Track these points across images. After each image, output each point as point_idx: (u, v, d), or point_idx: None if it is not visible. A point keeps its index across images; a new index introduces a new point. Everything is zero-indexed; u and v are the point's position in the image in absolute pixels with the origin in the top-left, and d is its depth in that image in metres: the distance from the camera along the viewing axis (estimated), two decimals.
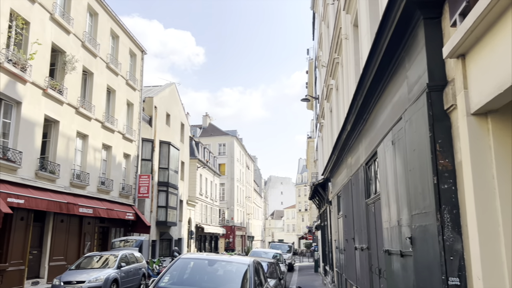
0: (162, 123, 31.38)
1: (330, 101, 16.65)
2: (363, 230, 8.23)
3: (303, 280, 23.86)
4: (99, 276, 13.57)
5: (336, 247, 14.34)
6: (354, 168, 9.21)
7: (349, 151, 9.88)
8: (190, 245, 39.21)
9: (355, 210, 9.25)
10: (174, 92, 35.13)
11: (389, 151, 5.70)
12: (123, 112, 24.32)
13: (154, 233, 29.59)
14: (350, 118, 8.04)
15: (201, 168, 42.89)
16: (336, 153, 11.29)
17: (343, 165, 11.38)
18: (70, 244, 18.82)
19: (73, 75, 18.93)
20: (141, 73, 27.10)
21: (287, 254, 34.03)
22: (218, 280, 7.05)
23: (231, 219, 60.25)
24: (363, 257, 8.32)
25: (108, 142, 22.38)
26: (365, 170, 7.99)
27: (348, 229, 10.58)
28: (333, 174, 14.49)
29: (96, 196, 20.71)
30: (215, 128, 66.50)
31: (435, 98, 4.05)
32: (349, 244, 10.56)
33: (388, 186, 5.84)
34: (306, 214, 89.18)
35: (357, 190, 8.87)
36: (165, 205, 30.54)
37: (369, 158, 7.44)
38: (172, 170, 31.83)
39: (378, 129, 6.48)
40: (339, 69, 13.43)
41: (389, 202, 5.80)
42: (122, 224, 24.22)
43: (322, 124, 21.93)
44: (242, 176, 68.46)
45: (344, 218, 11.34)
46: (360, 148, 8.35)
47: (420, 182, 4.28)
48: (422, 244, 4.26)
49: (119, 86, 23.84)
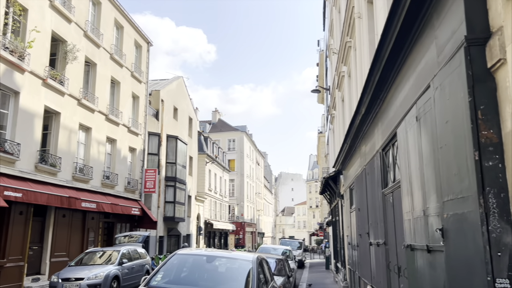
0: (169, 117, 30.75)
1: (342, 90, 15.79)
2: (379, 224, 7.42)
3: (314, 277, 23.08)
4: (99, 273, 12.94)
5: (348, 243, 13.52)
6: (369, 156, 8.39)
7: (363, 138, 9.06)
8: (199, 241, 38.64)
9: (370, 202, 8.44)
10: (181, 86, 34.48)
11: (412, 130, 4.88)
12: (128, 105, 23.70)
13: (162, 228, 29.02)
14: (364, 99, 7.22)
15: (210, 164, 42.25)
16: (349, 142, 10.46)
17: (356, 154, 10.55)
18: (73, 239, 18.26)
19: (75, 65, 18.33)
20: (147, 65, 26.46)
21: (297, 251, 33.26)
22: (217, 279, 6.31)
23: (241, 215, 59.62)
24: (379, 254, 7.51)
25: (113, 135, 21.78)
26: (382, 157, 7.18)
27: (362, 223, 9.76)
28: (345, 166, 13.66)
29: (100, 190, 20.14)
30: (224, 123, 65.85)
31: (475, 54, 3.24)
32: (363, 239, 9.75)
33: (410, 171, 5.03)
34: (317, 210, 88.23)
35: (373, 180, 8.06)
36: (172, 201, 29.95)
37: (387, 142, 6.62)
38: (179, 165, 31.22)
39: (398, 107, 5.66)
40: (351, 54, 12.59)
41: (411, 190, 5.00)
42: (128, 219, 23.66)
43: (333, 115, 21.07)
44: (252, 172, 67.76)
45: (358, 212, 10.52)
46: (376, 133, 7.53)
47: (455, 161, 3.47)
48: (457, 236, 3.46)
49: (124, 78, 23.22)
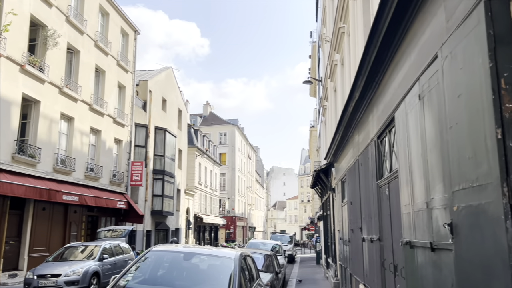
0: (158, 108, 29.98)
1: (334, 79, 15.20)
2: (373, 218, 6.85)
3: (304, 273, 22.60)
4: (77, 269, 12.28)
5: (339, 238, 12.98)
6: (363, 145, 7.81)
7: (356, 127, 8.47)
8: (188, 235, 38.03)
9: (363, 195, 7.87)
10: (171, 77, 33.69)
11: (413, 111, 4.29)
12: (114, 95, 22.93)
13: (149, 223, 28.35)
14: (359, 82, 6.61)
15: (200, 157, 41.55)
16: (341, 132, 9.87)
17: (348, 145, 9.98)
18: (54, 234, 17.55)
19: (56, 52, 17.52)
20: (134, 54, 25.66)
21: (288, 245, 32.78)
22: (195, 278, 5.70)
23: (232, 210, 59.08)
24: (373, 250, 6.95)
25: (97, 126, 21.01)
26: (377, 145, 6.59)
27: (354, 218, 9.20)
28: (336, 158, 13.09)
29: (83, 183, 19.41)
30: (215, 117, 65.07)
31: (498, 9, 2.63)
32: (355, 234, 9.20)
33: (411, 158, 4.44)
34: (309, 205, 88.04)
35: (366, 171, 7.48)
36: (161, 194, 29.25)
37: (383, 129, 6.03)
38: (168, 158, 30.50)
39: (396, 89, 5.07)
40: (344, 40, 11.99)
41: (412, 180, 4.41)
42: (113, 213, 22.97)
43: (325, 107, 20.49)
44: (244, 166, 67.16)
45: (350, 205, 9.96)
46: (371, 120, 6.94)
47: (469, 142, 2.87)
48: (472, 233, 2.87)
49: (109, 66, 22.43)
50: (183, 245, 6.69)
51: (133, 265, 5.89)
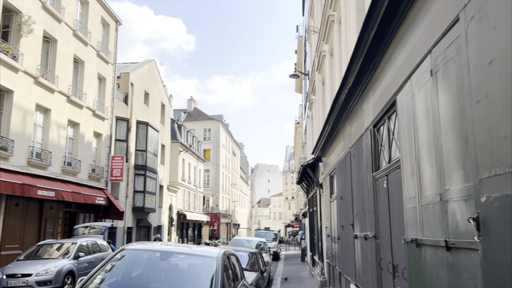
0: (140, 102, 29.13)
1: (322, 71, 14.69)
2: (368, 214, 6.34)
3: (289, 270, 22.15)
4: (50, 268, 11.54)
5: (327, 235, 12.49)
6: (355, 136, 7.30)
7: (349, 117, 7.95)
8: (171, 232, 37.26)
9: (356, 189, 7.36)
10: (153, 70, 32.82)
11: (422, 91, 3.75)
12: (93, 87, 22.05)
13: (130, 219, 27.54)
14: (354, 66, 6.07)
15: (184, 153, 40.74)
16: (331, 123, 9.35)
17: (339, 137, 9.46)
18: (28, 230, 16.70)
19: (31, 39, 16.63)
20: (115, 45, 24.77)
21: (272, 243, 32.32)
22: (173, 280, 5.09)
23: (216, 206, 58.38)
24: (367, 248, 6.44)
25: (75, 118, 20.15)
26: (373, 135, 6.07)
27: (345, 214, 8.70)
28: (325, 152, 12.58)
29: (60, 177, 18.55)
30: (200, 112, 64.19)
31: None
32: (345, 231, 8.69)
33: (418, 144, 3.91)
34: (293, 202, 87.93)
35: (360, 163, 6.97)
36: (142, 190, 28.44)
37: (381, 115, 5.51)
38: (150, 153, 29.69)
39: (399, 68, 4.53)
40: (334, 28, 11.46)
41: (418, 169, 3.89)
42: (93, 209, 22.14)
43: (312, 101, 20.01)
44: (228, 162, 66.48)
45: (340, 201, 9.45)
46: (366, 108, 6.42)
47: (505, 117, 2.34)
48: (508, 229, 2.33)
49: (89, 57, 21.54)
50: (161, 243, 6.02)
51: (104, 266, 5.26)
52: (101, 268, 5.22)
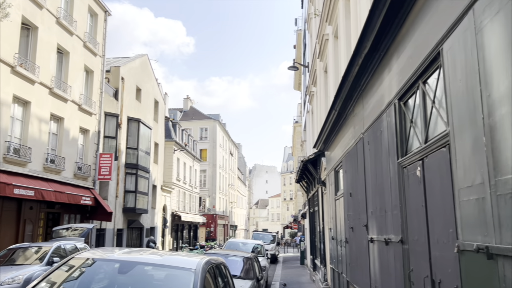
0: (131, 97, 27.75)
1: (325, 57, 13.39)
2: (391, 212, 5.02)
3: (288, 275, 20.83)
4: (17, 276, 10.18)
5: (331, 238, 11.15)
6: (371, 117, 5.98)
7: (362, 96, 6.63)
8: (165, 234, 35.86)
9: (372, 183, 6.04)
10: (146, 65, 31.45)
11: (499, 17, 2.44)
12: (79, 80, 20.68)
13: (121, 221, 26.14)
14: (373, 22, 4.74)
15: (179, 152, 39.33)
16: (338, 107, 8.02)
17: (347, 123, 8.14)
18: (4, 233, 15.30)
19: (8, 25, 15.26)
20: (104, 37, 23.40)
21: (270, 245, 31.01)
22: None
23: (213, 207, 56.96)
24: (389, 255, 5.12)
25: (59, 112, 18.76)
26: (398, 110, 4.75)
27: (356, 213, 7.37)
28: (328, 145, 11.26)
29: (42, 175, 17.16)
30: (196, 111, 62.80)
31: None
32: (356, 234, 7.37)
33: (489, 103, 2.59)
34: (291, 203, 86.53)
35: (377, 150, 5.65)
36: (133, 190, 27.03)
37: (412, 81, 4.19)
38: (142, 151, 28.29)
39: (447, 5, 3.22)
40: (339, 5, 10.16)
41: (491, 140, 2.57)
42: (79, 210, 20.76)
43: (312, 93, 18.70)
44: (225, 162, 65.09)
45: (348, 198, 8.13)
46: (387, 79, 5.10)
47: None
48: None
49: (74, 48, 20.17)
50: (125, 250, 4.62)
51: (42, 280, 3.94)
52: (39, 283, 3.90)
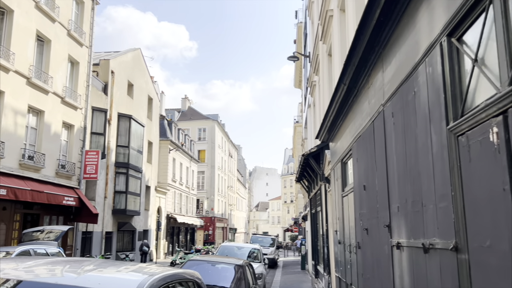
0: (122, 92, 26.22)
1: (329, 37, 11.85)
2: (434, 205, 3.44)
3: (288, 281, 19.22)
4: None
5: (338, 242, 9.56)
6: (397, 79, 4.43)
7: (382, 57, 5.07)
8: (160, 238, 34.25)
9: (399, 166, 4.47)
10: (139, 60, 29.93)
11: None
12: (62, 70, 19.14)
13: (110, 223, 24.57)
14: None
15: (174, 151, 37.74)
16: (347, 81, 6.46)
17: (359, 100, 6.58)
18: None
19: None
20: (91, 27, 21.88)
21: (269, 249, 29.38)
22: None
23: (211, 210, 55.34)
24: (431, 269, 3.55)
25: (39, 105, 17.23)
26: (448, 52, 3.18)
27: (371, 210, 5.81)
28: (334, 134, 9.70)
29: (17, 173, 15.63)
30: (194, 111, 61.22)
31: None
32: (372, 237, 5.80)
33: None
34: (292, 205, 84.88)
35: (409, 120, 4.09)
36: (124, 191, 25.49)
37: (471, 3, 2.64)
38: (134, 150, 26.75)
39: None
40: None
41: None
42: (62, 211, 19.20)
43: (314, 84, 17.16)
44: (224, 164, 63.47)
45: (361, 193, 6.56)
46: (425, 12, 3.55)
47: None
48: None
49: (57, 36, 18.65)
50: (39, 261, 2.99)
51: None
52: None
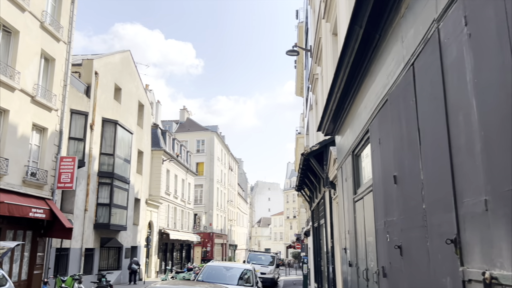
0: (108, 96, 24.10)
1: (333, 10, 9.67)
2: None
3: None
4: None
5: (348, 264, 7.19)
6: None
7: None
8: (151, 254, 31.77)
9: (481, 126, 2.21)
10: (129, 62, 27.90)
11: None
12: (33, 66, 17.03)
13: (91, 239, 22.18)
14: None
15: (168, 162, 35.46)
16: (363, 22, 4.24)
17: (385, 46, 4.34)
18: None
19: None
20: (71, 21, 19.84)
21: (268, 267, 26.83)
22: None
23: (210, 225, 52.78)
24: None
25: (1, 102, 15.09)
26: None
27: (410, 215, 3.50)
28: (341, 122, 7.42)
29: None
30: (193, 123, 59.19)
31: None
32: (413, 259, 3.47)
33: None
34: (295, 221, 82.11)
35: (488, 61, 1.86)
36: (108, 203, 23.16)
37: None
38: (120, 158, 24.50)
39: None
40: None
41: None
42: (31, 225, 16.86)
43: (316, 77, 14.97)
44: (224, 177, 61.07)
45: (387, 190, 4.25)
46: None
47: None
48: None
49: (27, 27, 16.59)
50: None
51: None
52: None
